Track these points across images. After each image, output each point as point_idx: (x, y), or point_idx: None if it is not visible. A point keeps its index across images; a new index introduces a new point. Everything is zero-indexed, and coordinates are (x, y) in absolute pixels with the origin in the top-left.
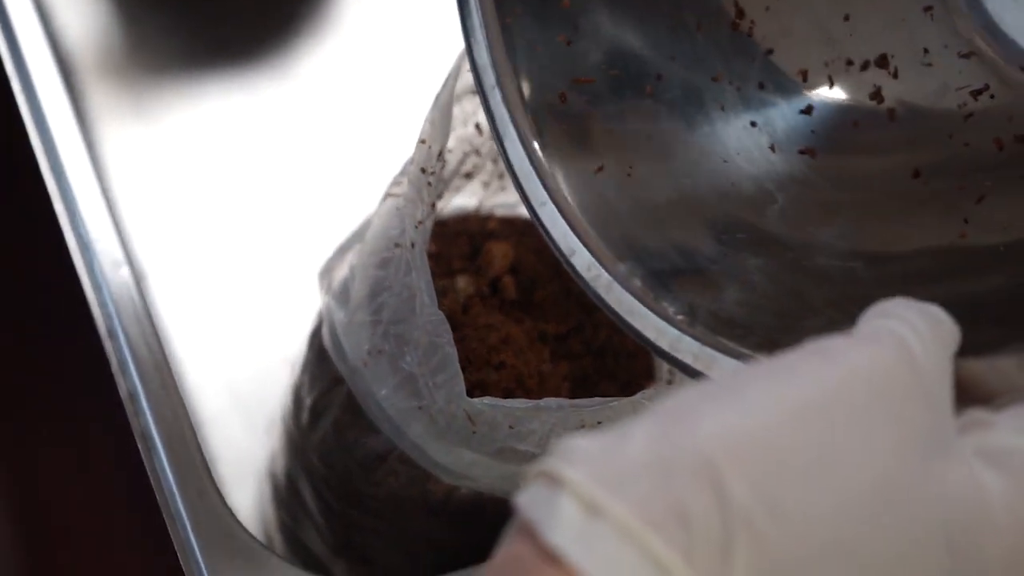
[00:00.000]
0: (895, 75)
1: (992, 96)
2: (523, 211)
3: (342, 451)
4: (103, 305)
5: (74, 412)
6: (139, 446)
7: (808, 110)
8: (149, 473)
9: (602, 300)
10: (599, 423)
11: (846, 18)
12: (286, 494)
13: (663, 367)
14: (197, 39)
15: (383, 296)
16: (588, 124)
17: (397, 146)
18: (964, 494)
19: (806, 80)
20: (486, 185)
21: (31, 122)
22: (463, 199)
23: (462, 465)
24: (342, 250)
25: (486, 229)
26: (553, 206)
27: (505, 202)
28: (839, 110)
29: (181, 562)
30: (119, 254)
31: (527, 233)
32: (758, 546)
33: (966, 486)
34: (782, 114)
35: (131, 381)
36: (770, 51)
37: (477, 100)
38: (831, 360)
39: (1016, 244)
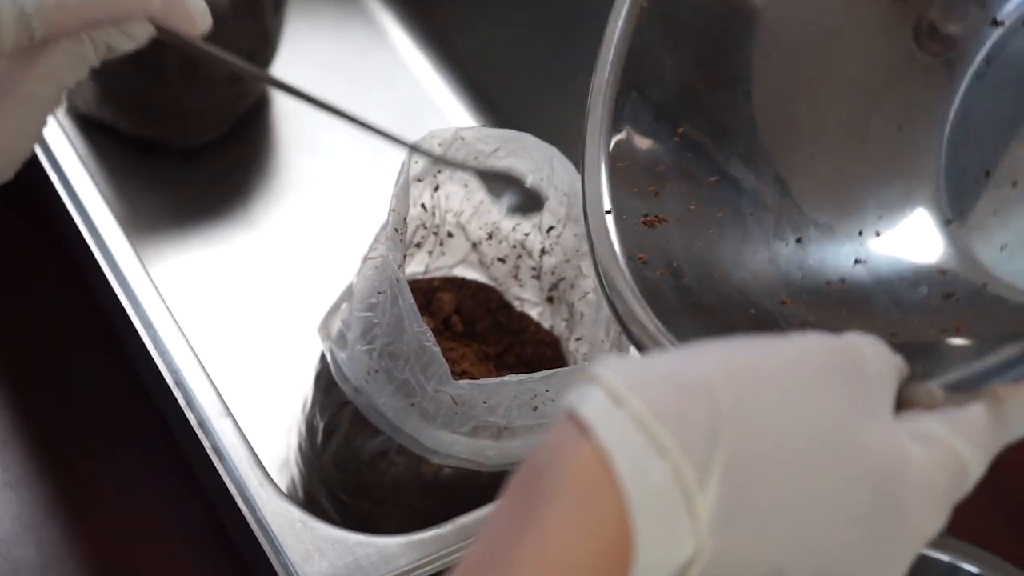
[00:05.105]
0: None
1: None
2: (457, 272)
3: (352, 456)
4: (172, 367)
5: (135, 450)
6: (213, 459)
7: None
8: (225, 477)
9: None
10: (547, 390)
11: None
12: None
13: None
14: (177, 201)
15: (374, 330)
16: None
17: (349, 254)
18: (893, 455)
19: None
20: (430, 253)
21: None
22: (413, 267)
23: (446, 446)
24: (333, 310)
25: (433, 286)
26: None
27: (444, 264)
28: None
29: (259, 538)
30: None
31: (463, 286)
32: (734, 445)
33: (895, 450)
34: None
35: (199, 412)
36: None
37: (422, 185)
38: (808, 339)
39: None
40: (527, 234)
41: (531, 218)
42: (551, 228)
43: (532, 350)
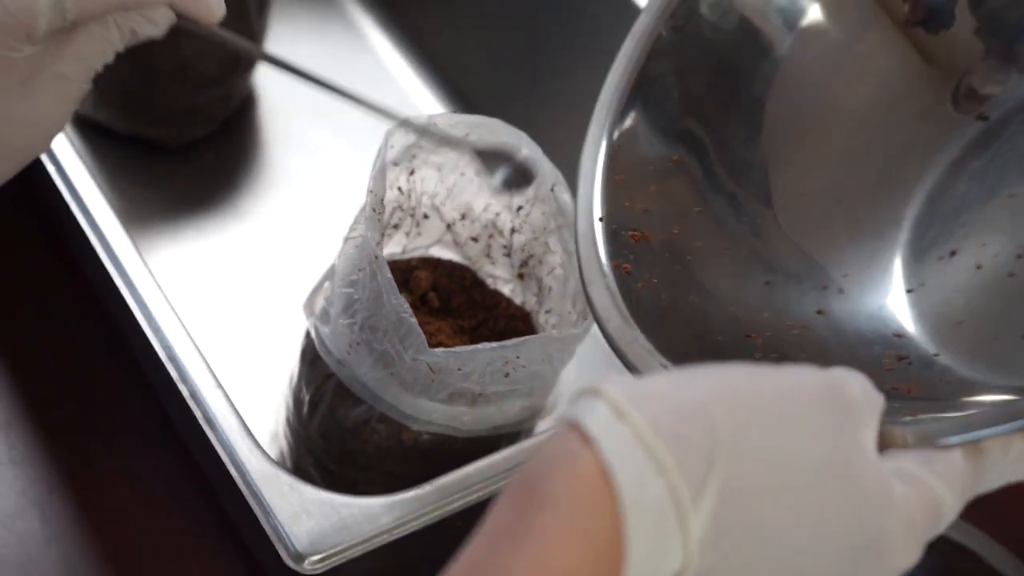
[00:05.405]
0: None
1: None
2: (434, 252)
3: (336, 425)
4: (165, 344)
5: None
6: (205, 428)
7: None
8: (217, 444)
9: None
10: (518, 357)
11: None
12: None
13: None
14: (170, 195)
15: (355, 305)
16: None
17: (331, 240)
18: (879, 490)
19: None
20: (407, 234)
21: (102, 252)
22: (391, 247)
23: (424, 412)
24: (316, 289)
25: (411, 265)
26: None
27: (421, 244)
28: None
29: (249, 501)
30: (171, 314)
31: (439, 265)
32: (730, 469)
33: (881, 485)
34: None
35: (191, 385)
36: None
37: (398, 169)
38: (801, 371)
39: None
40: (498, 214)
41: (523, 192)
42: (520, 208)
43: (505, 323)
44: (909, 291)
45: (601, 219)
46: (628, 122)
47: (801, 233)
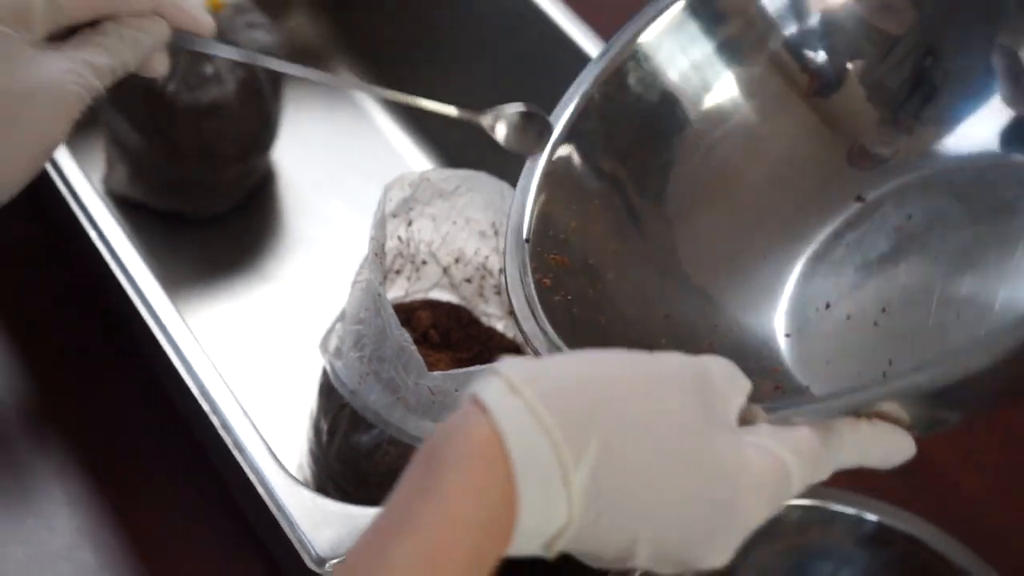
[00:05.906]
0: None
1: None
2: (433, 294)
3: (351, 450)
4: (199, 382)
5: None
6: (235, 454)
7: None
8: (246, 466)
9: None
10: None
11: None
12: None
13: None
14: (203, 261)
15: (363, 340)
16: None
17: (342, 293)
18: (733, 457)
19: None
20: (408, 279)
21: (146, 312)
22: (394, 292)
23: (428, 432)
24: (330, 330)
25: (412, 307)
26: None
27: (421, 288)
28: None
29: (275, 515)
30: (206, 362)
31: (437, 306)
32: (606, 435)
33: (736, 453)
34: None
35: (222, 416)
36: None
37: (397, 220)
38: (671, 356)
39: None
40: (487, 256)
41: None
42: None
43: (498, 355)
44: (787, 335)
45: (527, 240)
46: (559, 165)
47: (701, 279)
